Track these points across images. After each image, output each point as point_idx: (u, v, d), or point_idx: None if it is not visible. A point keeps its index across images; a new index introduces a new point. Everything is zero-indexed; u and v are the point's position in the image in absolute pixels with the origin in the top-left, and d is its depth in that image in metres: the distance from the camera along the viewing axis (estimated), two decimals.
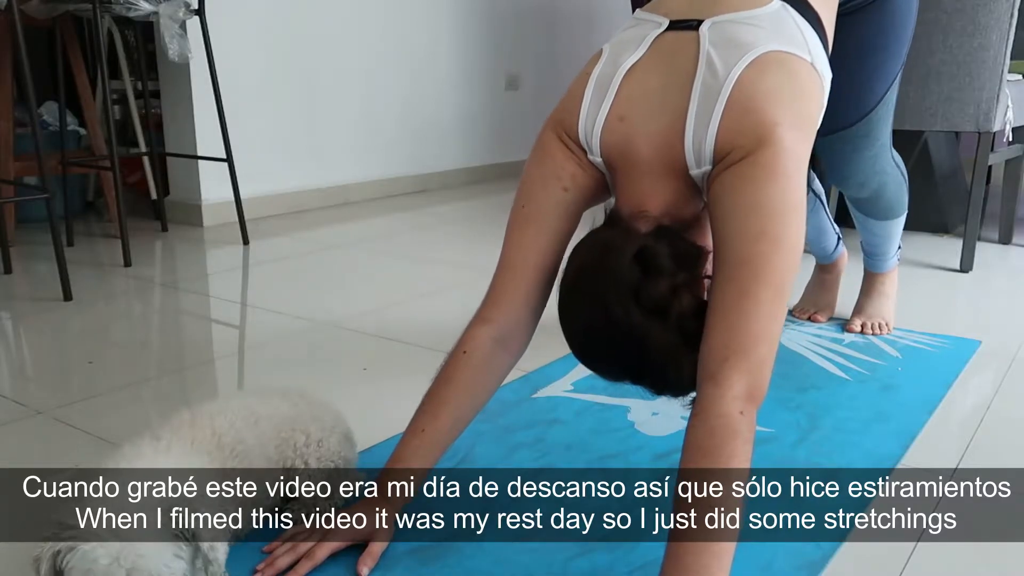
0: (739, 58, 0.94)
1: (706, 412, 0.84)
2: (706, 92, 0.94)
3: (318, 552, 0.92)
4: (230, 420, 0.95)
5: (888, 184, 1.60)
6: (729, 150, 0.92)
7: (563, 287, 0.98)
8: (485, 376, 1.04)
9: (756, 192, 0.89)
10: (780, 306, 0.89)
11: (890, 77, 1.43)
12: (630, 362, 0.95)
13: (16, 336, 1.79)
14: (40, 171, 1.99)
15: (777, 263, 0.88)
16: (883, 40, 1.38)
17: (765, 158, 0.90)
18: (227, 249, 2.61)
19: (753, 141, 0.90)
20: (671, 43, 0.99)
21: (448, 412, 1.01)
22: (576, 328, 0.97)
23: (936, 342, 1.70)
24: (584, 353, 1.00)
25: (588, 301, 0.93)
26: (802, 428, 1.30)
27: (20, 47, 1.94)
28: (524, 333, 1.06)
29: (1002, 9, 2.09)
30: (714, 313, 0.88)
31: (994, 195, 3.38)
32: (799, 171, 0.92)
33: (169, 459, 0.85)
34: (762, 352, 0.86)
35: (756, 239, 0.88)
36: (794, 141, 0.92)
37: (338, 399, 1.13)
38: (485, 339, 1.03)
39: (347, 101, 3.40)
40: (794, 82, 0.96)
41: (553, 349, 1.67)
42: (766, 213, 0.89)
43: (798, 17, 1.01)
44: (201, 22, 2.54)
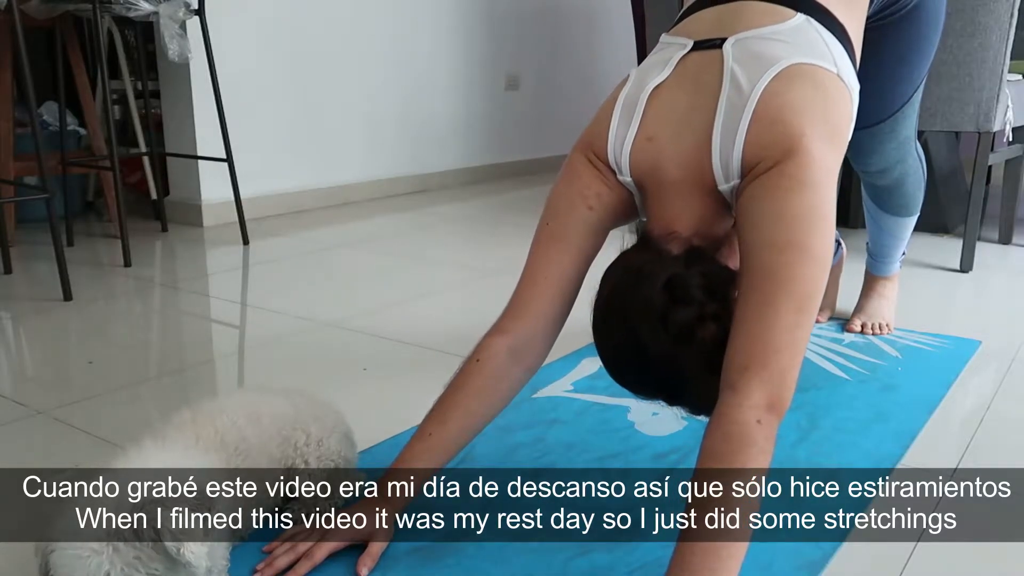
0: (764, 72, 0.94)
1: (722, 419, 0.84)
2: (731, 108, 0.94)
3: (317, 552, 0.92)
4: (232, 418, 0.95)
5: (908, 175, 1.60)
6: (756, 162, 0.92)
7: (596, 309, 0.99)
8: (496, 385, 1.04)
9: (783, 201, 0.89)
10: (806, 317, 0.88)
11: (918, 80, 1.44)
12: (660, 384, 0.97)
13: (16, 336, 1.79)
14: (40, 171, 1.99)
15: (803, 273, 0.87)
16: (914, 47, 1.39)
17: (792, 168, 0.90)
18: (227, 249, 2.61)
19: (780, 152, 0.90)
20: (696, 63, 1.00)
21: (456, 419, 1.01)
22: (608, 350, 0.99)
23: (936, 342, 1.70)
24: (617, 373, 1.01)
25: (619, 325, 0.95)
26: (802, 428, 1.30)
27: (20, 47, 1.94)
28: (540, 347, 1.07)
29: (1002, 9, 2.09)
30: (737, 323, 0.89)
31: (994, 195, 3.38)
32: (828, 182, 0.92)
33: (171, 457, 0.85)
34: (783, 362, 0.86)
35: (782, 249, 0.88)
36: (822, 151, 0.92)
37: (338, 399, 1.13)
38: (500, 349, 1.03)
39: (347, 101, 3.40)
40: (821, 93, 0.96)
41: (553, 349, 1.67)
42: (793, 223, 0.89)
43: (823, 30, 1.01)
44: (201, 22, 2.54)
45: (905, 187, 1.62)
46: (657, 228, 1.00)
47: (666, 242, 0.97)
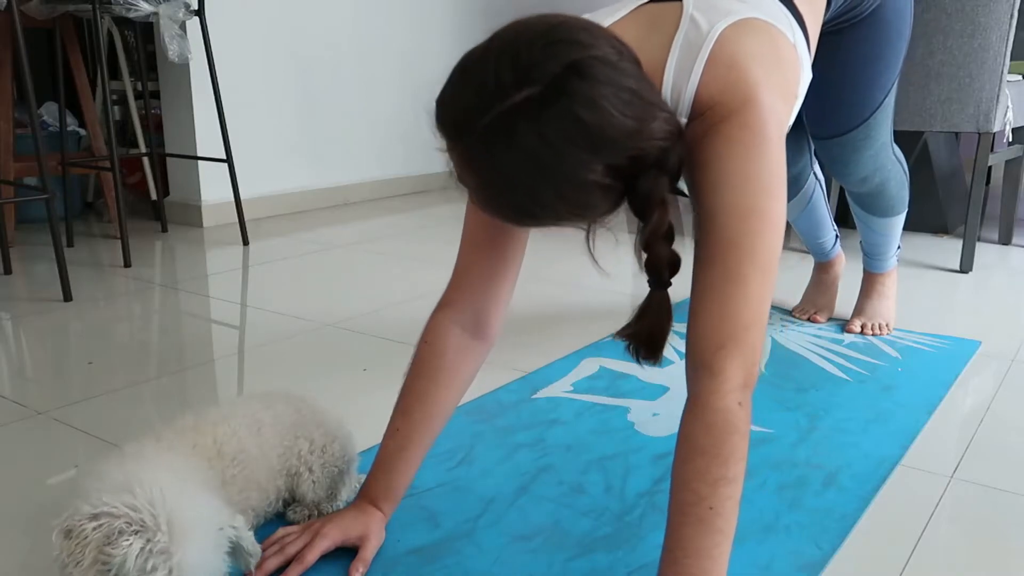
0: (722, 18, 0.91)
1: (704, 407, 0.81)
2: (688, 45, 0.90)
3: (308, 555, 0.91)
4: (233, 428, 0.95)
5: (890, 180, 1.60)
6: (710, 106, 0.88)
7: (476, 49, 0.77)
8: (453, 364, 0.99)
9: (744, 160, 0.85)
10: (770, 287, 0.86)
11: (888, 84, 1.43)
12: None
13: (16, 336, 1.79)
14: (40, 172, 1.99)
15: (765, 242, 0.84)
16: (878, 51, 1.39)
17: (750, 119, 0.86)
18: (227, 250, 2.62)
19: (737, 101, 0.86)
20: (653, 10, 0.96)
21: (420, 407, 0.98)
22: (458, 87, 0.76)
23: (936, 342, 1.70)
24: (440, 108, 0.77)
25: (494, 58, 0.73)
26: (802, 428, 1.30)
27: (20, 47, 1.94)
28: (492, 313, 1.00)
29: (1002, 10, 2.09)
30: (704, 296, 0.84)
31: (994, 195, 3.39)
32: (782, 137, 0.89)
33: (167, 460, 0.85)
34: (754, 336, 0.84)
35: (745, 216, 0.84)
36: (777, 105, 0.89)
37: (338, 400, 1.13)
38: (447, 325, 0.99)
39: (347, 101, 3.40)
40: (775, 50, 0.94)
41: (553, 350, 1.67)
42: (756, 187, 0.85)
43: (783, 7, 1.01)
44: (201, 23, 2.55)
45: (888, 190, 1.63)
46: None
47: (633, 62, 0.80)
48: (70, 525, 0.73)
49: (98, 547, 0.71)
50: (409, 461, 0.98)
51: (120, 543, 0.71)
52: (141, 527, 0.71)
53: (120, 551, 0.70)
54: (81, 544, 0.71)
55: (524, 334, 1.76)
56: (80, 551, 0.71)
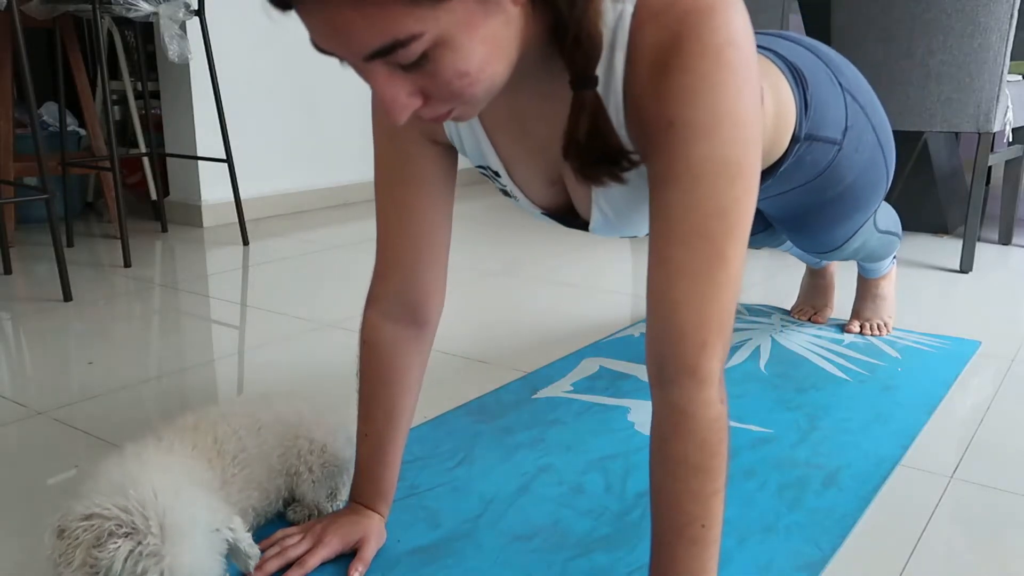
0: None
1: (695, 420, 0.72)
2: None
3: (310, 560, 0.91)
4: (233, 427, 0.95)
5: (875, 249, 1.56)
6: (652, 31, 0.70)
7: None
8: (395, 361, 0.95)
9: (715, 99, 0.68)
10: (743, 262, 0.74)
11: (861, 219, 1.35)
12: None
13: (16, 336, 1.79)
14: (40, 172, 1.99)
15: (744, 207, 0.72)
16: (826, 202, 1.26)
17: (706, 33, 0.67)
18: (227, 250, 2.62)
19: (685, 19, 0.68)
20: None
21: (379, 410, 0.97)
22: None
23: (936, 343, 1.70)
24: None
25: None
26: (802, 428, 1.30)
27: (20, 47, 1.94)
28: (426, 298, 0.95)
29: (1002, 10, 2.09)
30: (680, 282, 0.72)
31: (994, 195, 3.39)
32: (753, 60, 0.72)
33: (167, 460, 0.85)
34: (729, 328, 0.74)
35: (719, 176, 0.70)
36: (743, 23, 0.71)
37: (338, 400, 1.13)
38: (378, 322, 0.95)
39: (347, 101, 3.40)
40: (752, 44, 0.75)
41: (553, 350, 1.67)
42: (730, 135, 0.69)
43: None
44: (201, 23, 2.55)
45: (873, 252, 1.58)
46: None
47: None
48: (62, 525, 0.73)
49: (87, 548, 0.71)
50: (387, 462, 0.98)
51: (108, 545, 0.70)
52: (132, 529, 0.71)
53: (108, 554, 0.70)
54: (72, 545, 0.71)
55: (524, 334, 1.76)
56: (71, 552, 0.71)
